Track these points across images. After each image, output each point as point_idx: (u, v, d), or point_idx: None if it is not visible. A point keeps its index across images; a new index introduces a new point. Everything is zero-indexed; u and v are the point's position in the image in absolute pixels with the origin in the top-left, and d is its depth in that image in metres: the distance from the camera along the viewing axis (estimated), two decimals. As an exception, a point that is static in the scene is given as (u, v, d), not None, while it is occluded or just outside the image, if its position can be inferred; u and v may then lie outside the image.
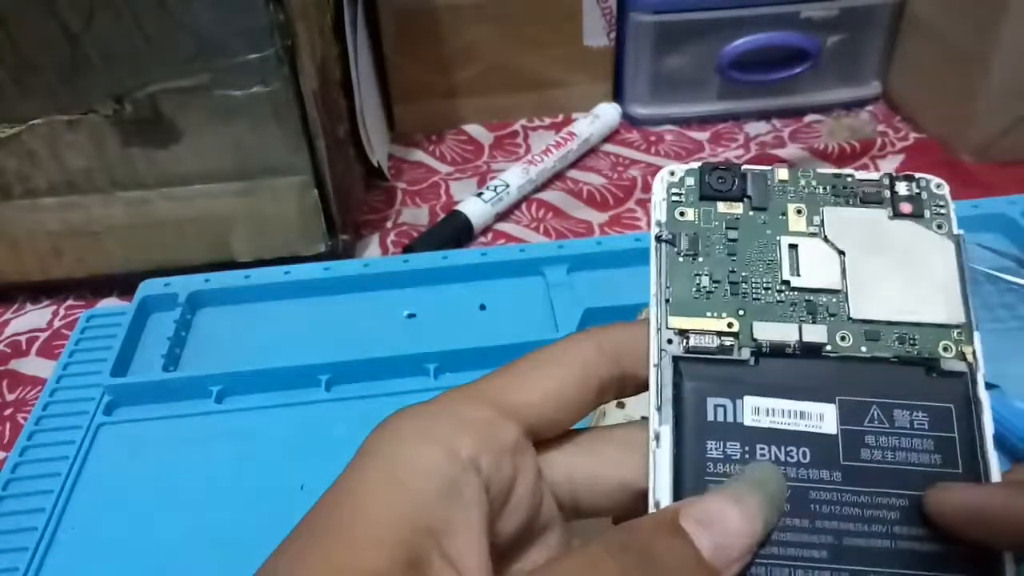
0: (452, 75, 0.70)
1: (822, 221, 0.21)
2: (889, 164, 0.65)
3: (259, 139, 0.50)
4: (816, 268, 0.21)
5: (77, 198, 0.51)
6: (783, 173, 0.22)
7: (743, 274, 0.21)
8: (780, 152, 0.65)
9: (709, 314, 0.20)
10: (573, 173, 0.66)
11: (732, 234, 0.21)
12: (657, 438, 0.19)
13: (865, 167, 0.65)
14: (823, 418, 0.19)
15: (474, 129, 0.72)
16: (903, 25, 0.69)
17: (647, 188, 0.63)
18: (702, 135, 0.70)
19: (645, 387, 0.20)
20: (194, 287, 0.48)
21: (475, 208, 0.59)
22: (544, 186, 0.64)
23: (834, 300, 0.20)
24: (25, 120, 0.48)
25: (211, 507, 0.37)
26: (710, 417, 0.19)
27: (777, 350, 0.20)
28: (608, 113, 0.70)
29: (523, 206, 0.63)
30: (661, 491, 0.19)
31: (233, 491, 0.37)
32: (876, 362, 0.20)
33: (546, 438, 0.21)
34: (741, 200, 0.22)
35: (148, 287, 0.48)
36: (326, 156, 0.52)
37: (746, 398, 0.19)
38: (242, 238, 0.53)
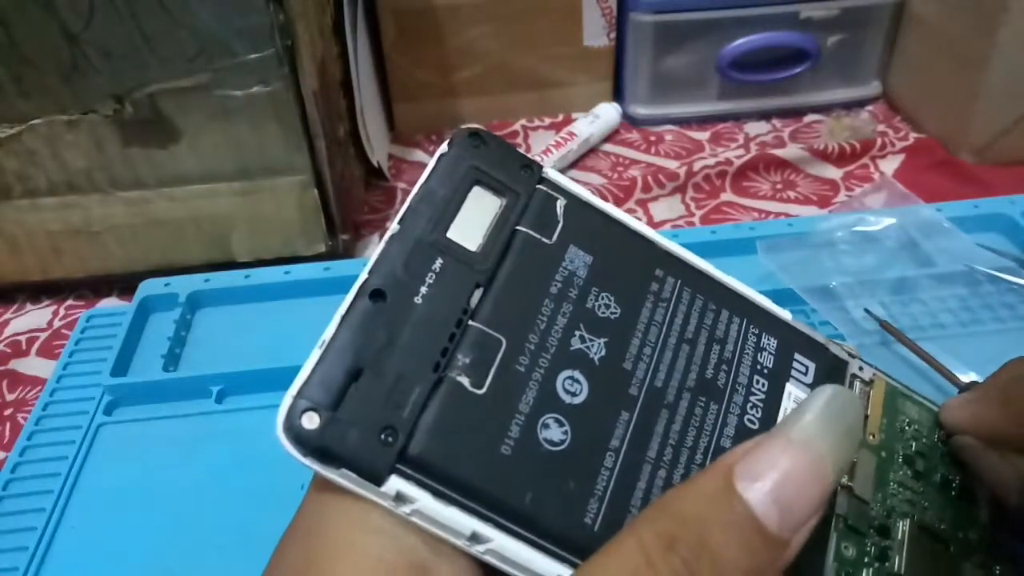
0: (452, 75, 0.70)
1: None
2: (889, 164, 0.65)
3: (259, 139, 0.50)
4: None
5: (77, 198, 0.51)
6: None
7: None
8: (780, 152, 0.65)
9: None
10: (573, 173, 0.66)
11: None
12: None
13: (865, 167, 0.65)
14: None
15: (474, 129, 0.72)
16: (903, 25, 0.69)
17: (647, 188, 0.63)
18: (702, 135, 0.70)
19: None
20: (194, 287, 0.48)
21: (475, 208, 0.59)
22: (544, 186, 0.64)
23: None
24: (25, 120, 0.48)
25: (211, 507, 0.37)
26: None
27: None
28: (608, 113, 0.70)
29: (523, 206, 0.63)
30: None
31: (233, 491, 0.37)
32: None
33: None
34: None
35: (148, 287, 0.48)
36: (326, 156, 0.52)
37: None
38: (242, 238, 0.53)
